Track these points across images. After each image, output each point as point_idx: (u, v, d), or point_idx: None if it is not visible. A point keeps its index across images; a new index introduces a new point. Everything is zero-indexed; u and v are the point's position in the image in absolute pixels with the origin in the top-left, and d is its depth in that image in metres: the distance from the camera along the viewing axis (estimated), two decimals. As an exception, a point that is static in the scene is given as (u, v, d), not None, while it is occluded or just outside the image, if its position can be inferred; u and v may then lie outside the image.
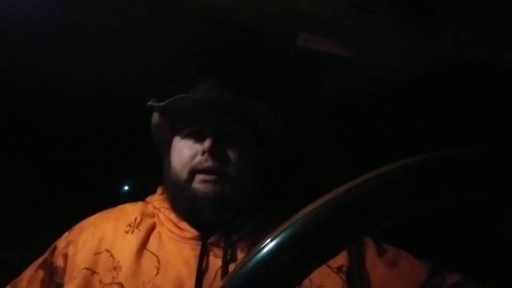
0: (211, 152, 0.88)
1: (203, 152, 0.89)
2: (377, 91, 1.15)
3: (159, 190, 1.01)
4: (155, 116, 0.98)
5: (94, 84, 1.18)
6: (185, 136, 0.93)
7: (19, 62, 1.08)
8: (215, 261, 0.87)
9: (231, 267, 0.86)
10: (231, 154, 0.90)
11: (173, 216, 0.94)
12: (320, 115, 1.26)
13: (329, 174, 1.18)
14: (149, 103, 0.95)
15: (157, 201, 0.99)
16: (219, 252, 0.88)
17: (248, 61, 1.05)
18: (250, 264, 0.35)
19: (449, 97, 1.11)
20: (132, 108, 1.05)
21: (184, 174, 0.90)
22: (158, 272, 0.86)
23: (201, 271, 0.85)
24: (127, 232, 0.92)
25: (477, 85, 1.04)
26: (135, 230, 0.92)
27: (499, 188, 0.38)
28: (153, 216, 0.96)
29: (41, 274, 0.92)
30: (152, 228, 0.93)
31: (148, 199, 1.01)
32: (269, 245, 0.34)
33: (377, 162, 0.39)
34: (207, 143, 0.89)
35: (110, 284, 0.85)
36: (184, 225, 0.92)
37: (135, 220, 0.94)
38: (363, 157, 1.17)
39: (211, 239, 0.89)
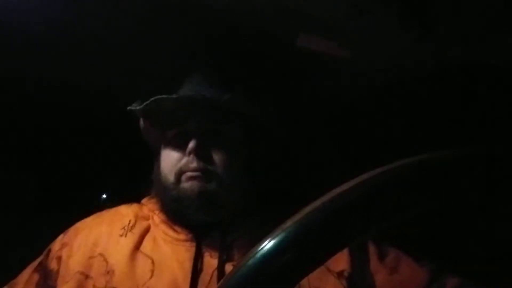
0: (196, 153, 0.87)
1: (189, 153, 0.88)
2: (377, 91, 1.15)
3: (153, 192, 1.00)
4: (141, 120, 0.96)
5: (94, 84, 1.18)
6: (172, 138, 0.92)
7: (18, 62, 1.08)
8: (210, 262, 0.86)
9: (227, 267, 0.86)
10: (217, 152, 0.89)
11: (167, 218, 0.93)
12: (319, 115, 1.26)
13: (327, 174, 1.18)
14: (129, 107, 0.92)
15: (151, 203, 0.98)
16: (215, 253, 0.87)
17: (237, 58, 1.04)
18: (247, 266, 0.35)
19: (449, 97, 1.11)
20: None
21: (171, 177, 0.89)
22: (152, 275, 0.84)
23: (196, 273, 0.84)
24: (121, 236, 0.91)
25: (477, 85, 1.04)
26: (129, 233, 0.91)
27: (492, 188, 0.38)
28: (148, 219, 0.95)
29: (36, 277, 0.91)
30: (146, 231, 0.92)
31: (144, 201, 1.01)
32: (266, 247, 0.34)
33: (377, 163, 0.39)
34: (191, 144, 0.87)
35: None
36: (178, 227, 0.91)
37: (129, 223, 0.93)
38: (363, 158, 1.17)
39: (206, 240, 0.88)
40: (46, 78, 1.15)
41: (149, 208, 0.97)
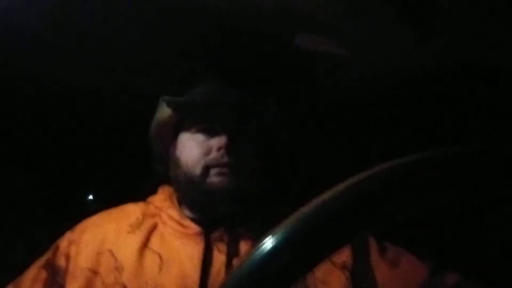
0: (227, 148, 0.89)
1: (219, 148, 0.90)
2: (376, 91, 1.15)
3: (160, 190, 1.02)
4: (165, 112, 0.97)
5: (93, 84, 1.18)
6: (195, 132, 0.94)
7: (16, 62, 1.08)
8: (219, 257, 0.88)
9: (235, 262, 0.87)
10: (243, 150, 0.92)
11: (175, 214, 0.94)
12: (319, 114, 1.26)
13: (328, 173, 1.18)
14: (166, 97, 0.94)
15: (158, 200, 0.99)
16: (223, 247, 0.89)
17: (253, 59, 1.05)
18: (246, 266, 0.35)
19: (448, 96, 1.11)
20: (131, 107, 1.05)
21: (197, 170, 0.90)
22: (160, 271, 0.86)
23: (205, 267, 0.86)
24: (128, 233, 0.92)
25: (476, 85, 1.04)
26: (137, 230, 0.93)
27: (493, 188, 0.38)
28: (155, 216, 0.96)
29: (44, 274, 0.92)
30: (153, 228, 0.94)
31: (149, 199, 1.02)
32: (266, 244, 0.35)
33: (376, 162, 0.39)
34: (223, 140, 0.90)
35: (113, 284, 0.86)
36: (187, 222, 0.93)
37: (136, 221, 0.95)
38: (362, 157, 1.17)
39: (214, 235, 0.90)
40: (45, 78, 1.15)
41: (155, 205, 0.98)
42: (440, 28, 0.88)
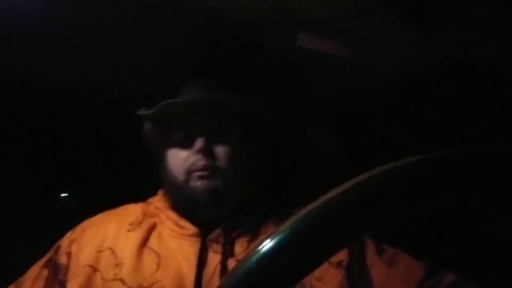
0: (203, 152, 0.91)
1: (198, 152, 0.92)
2: (377, 91, 1.15)
3: (160, 192, 1.04)
4: (147, 124, 1.00)
5: (91, 84, 1.18)
6: (178, 140, 0.96)
7: (16, 62, 1.08)
8: (214, 257, 0.90)
9: (230, 262, 0.89)
10: (222, 151, 0.93)
11: (173, 215, 0.96)
12: (319, 114, 1.26)
13: (328, 173, 1.18)
14: (138, 112, 0.97)
15: (158, 201, 1.01)
16: (219, 248, 0.91)
17: (239, 60, 1.06)
18: (247, 265, 0.35)
19: (449, 97, 1.11)
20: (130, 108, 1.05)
21: (180, 176, 0.93)
22: (158, 268, 0.88)
23: (200, 266, 0.88)
24: (128, 231, 0.95)
25: (477, 85, 1.04)
26: (137, 229, 0.95)
27: (493, 188, 0.38)
28: (154, 216, 0.98)
29: (45, 272, 0.94)
30: (153, 227, 0.96)
31: (150, 200, 1.04)
32: (266, 246, 0.35)
33: (376, 163, 0.39)
34: (198, 144, 0.92)
35: (112, 280, 0.88)
36: (184, 223, 0.95)
37: (136, 219, 0.97)
38: (362, 157, 1.17)
39: (210, 236, 0.92)
40: (43, 78, 1.15)
41: (155, 206, 1.00)
42: (441, 29, 0.88)
